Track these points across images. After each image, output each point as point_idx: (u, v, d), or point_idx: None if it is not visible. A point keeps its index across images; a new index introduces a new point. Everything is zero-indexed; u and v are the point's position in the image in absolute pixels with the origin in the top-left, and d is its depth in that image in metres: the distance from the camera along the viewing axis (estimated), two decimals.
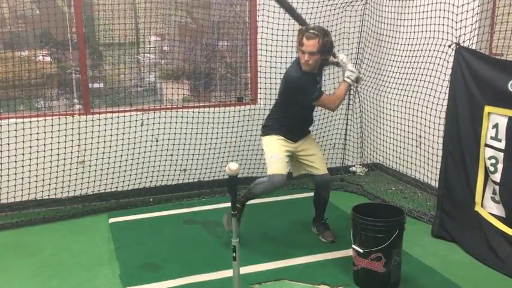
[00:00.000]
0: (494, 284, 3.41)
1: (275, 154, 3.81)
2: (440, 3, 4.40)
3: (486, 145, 3.66)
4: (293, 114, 3.82)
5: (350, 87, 3.94)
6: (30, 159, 4.55)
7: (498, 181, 3.57)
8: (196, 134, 5.09)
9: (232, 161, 4.74)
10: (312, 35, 3.52)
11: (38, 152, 4.57)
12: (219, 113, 5.12)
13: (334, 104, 3.78)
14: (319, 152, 4.04)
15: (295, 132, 3.90)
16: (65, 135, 4.64)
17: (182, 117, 5.00)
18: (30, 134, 4.49)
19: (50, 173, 4.66)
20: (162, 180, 5.09)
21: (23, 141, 4.48)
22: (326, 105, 3.80)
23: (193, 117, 5.04)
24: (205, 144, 5.13)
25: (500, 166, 3.55)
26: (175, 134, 5.01)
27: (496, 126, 3.58)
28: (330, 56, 3.80)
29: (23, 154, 4.51)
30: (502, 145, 3.54)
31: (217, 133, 5.18)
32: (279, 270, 3.56)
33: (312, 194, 5.14)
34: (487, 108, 3.63)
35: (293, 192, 5.18)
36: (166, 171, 5.09)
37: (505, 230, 3.56)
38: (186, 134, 5.05)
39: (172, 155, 5.08)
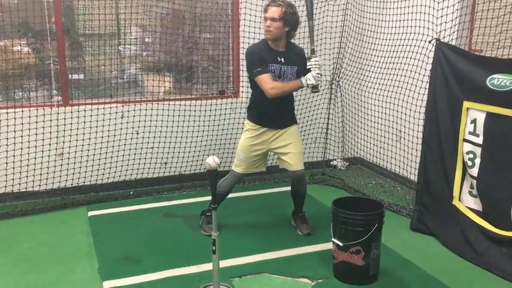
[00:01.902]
0: (471, 277, 3.46)
1: (241, 153, 3.93)
2: None
3: (464, 140, 3.71)
4: (263, 96, 3.74)
5: (300, 89, 3.79)
6: (7, 151, 4.46)
7: (475, 175, 3.62)
8: (178, 127, 5.05)
9: (213, 154, 4.73)
10: (276, 4, 3.67)
11: (15, 143, 4.49)
12: (201, 106, 5.09)
13: (272, 90, 3.64)
14: (296, 147, 3.90)
15: (271, 118, 3.82)
16: (43, 127, 4.56)
17: (163, 110, 4.96)
18: (7, 126, 4.41)
19: (28, 165, 4.58)
20: (142, 173, 5.05)
21: None
22: (263, 86, 3.66)
23: (174, 110, 5.00)
24: (187, 137, 5.10)
25: (477, 161, 3.61)
26: (156, 126, 4.97)
27: (474, 121, 3.63)
28: (294, 31, 3.77)
29: (0, 146, 4.43)
30: (479, 140, 3.59)
31: (199, 126, 5.15)
32: (259, 264, 3.57)
33: None
34: (466, 104, 3.67)
35: (274, 185, 5.19)
36: (146, 164, 5.05)
37: (482, 223, 3.61)
38: (167, 126, 5.01)
39: (153, 148, 5.03)
